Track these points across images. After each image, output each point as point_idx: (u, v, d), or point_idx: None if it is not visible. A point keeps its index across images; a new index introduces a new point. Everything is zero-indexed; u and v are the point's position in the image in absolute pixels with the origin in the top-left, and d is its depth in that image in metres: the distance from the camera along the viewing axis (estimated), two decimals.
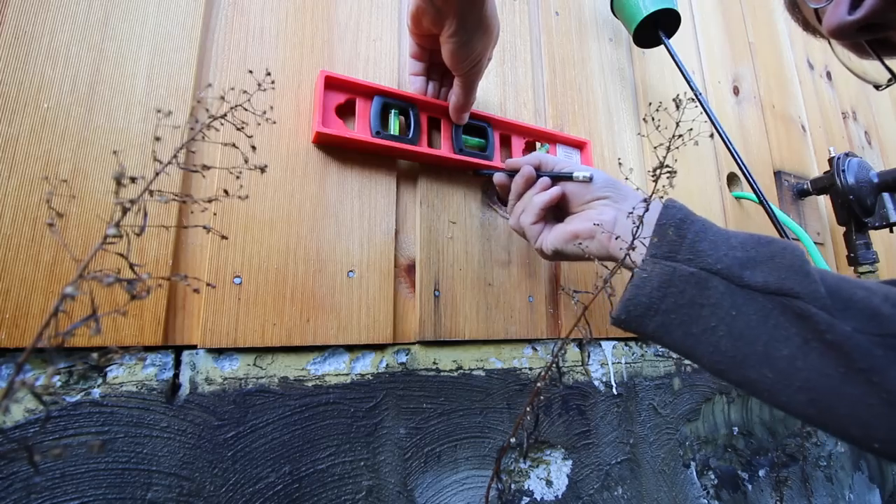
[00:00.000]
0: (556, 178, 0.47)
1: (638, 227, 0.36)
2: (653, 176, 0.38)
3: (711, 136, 0.82)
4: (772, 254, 0.33)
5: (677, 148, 0.37)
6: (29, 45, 0.37)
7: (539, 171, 0.48)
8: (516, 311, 0.55)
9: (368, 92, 0.49)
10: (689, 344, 0.34)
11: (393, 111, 0.50)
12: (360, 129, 0.48)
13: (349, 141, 0.46)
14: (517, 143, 0.58)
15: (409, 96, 0.51)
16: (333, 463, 0.42)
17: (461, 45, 0.43)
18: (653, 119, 0.43)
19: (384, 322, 0.47)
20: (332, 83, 0.47)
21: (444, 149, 0.52)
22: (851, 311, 0.30)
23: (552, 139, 0.61)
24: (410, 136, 0.50)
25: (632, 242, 0.36)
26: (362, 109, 0.49)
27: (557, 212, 0.49)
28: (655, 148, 0.38)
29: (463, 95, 0.49)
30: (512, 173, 0.50)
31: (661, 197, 0.38)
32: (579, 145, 0.63)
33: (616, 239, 0.41)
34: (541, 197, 0.46)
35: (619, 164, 0.69)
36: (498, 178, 0.51)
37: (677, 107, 0.37)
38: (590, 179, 0.45)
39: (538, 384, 0.37)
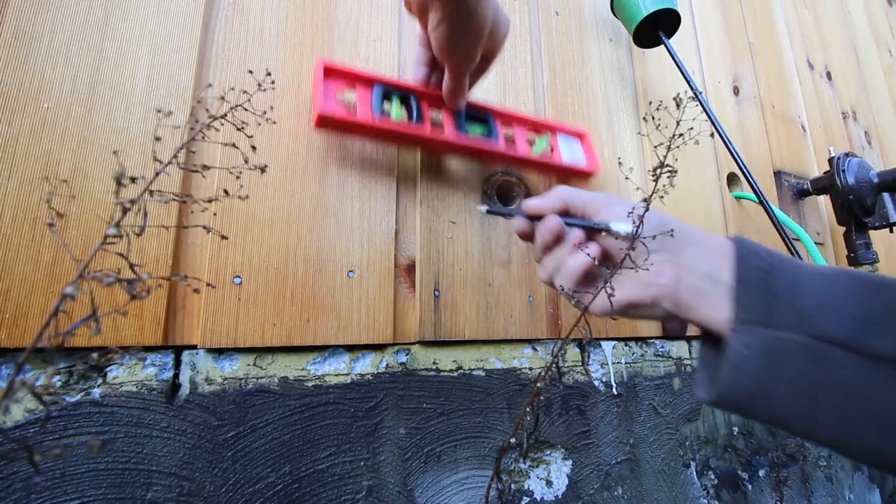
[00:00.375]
0: (590, 230, 0.39)
1: (638, 227, 0.36)
2: (653, 176, 0.38)
3: (712, 135, 0.82)
4: (893, 305, 0.27)
5: (678, 147, 0.37)
6: (29, 45, 0.37)
7: (567, 219, 0.40)
8: (516, 311, 0.55)
9: (368, 80, 0.48)
10: (820, 434, 0.28)
11: (394, 97, 0.49)
12: (361, 114, 0.46)
13: (353, 125, 0.45)
14: (520, 135, 0.57)
15: (409, 86, 0.50)
16: (333, 463, 0.42)
17: (445, 37, 0.41)
18: (653, 118, 0.42)
19: (384, 322, 0.47)
20: (331, 72, 0.46)
21: (447, 133, 0.50)
22: None
23: (552, 129, 0.60)
24: (413, 122, 0.48)
25: (632, 243, 0.36)
26: (363, 96, 0.47)
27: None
28: (656, 147, 0.38)
29: (451, 81, 0.46)
30: (533, 217, 0.42)
31: (661, 197, 0.38)
32: (579, 136, 0.63)
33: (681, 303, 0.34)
34: (578, 262, 0.38)
35: (620, 163, 0.69)
36: (518, 225, 0.42)
37: (678, 105, 0.37)
38: (634, 236, 0.36)
39: (538, 384, 0.37)
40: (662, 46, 0.71)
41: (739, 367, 0.29)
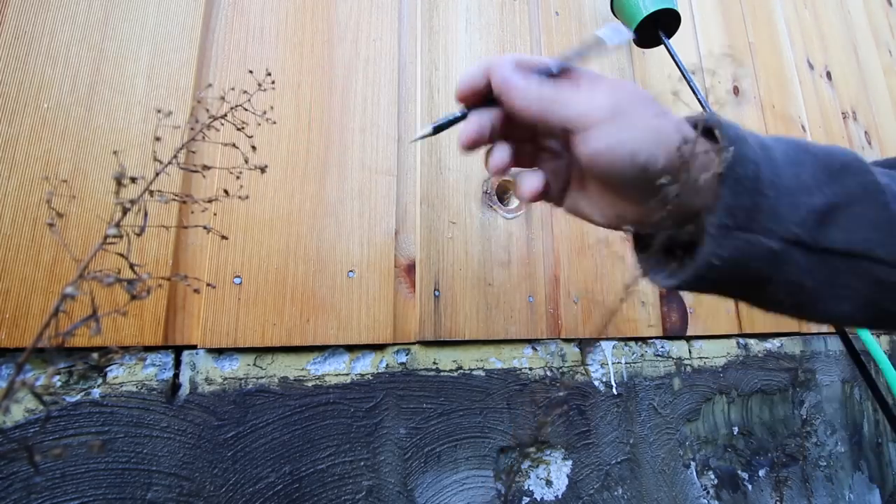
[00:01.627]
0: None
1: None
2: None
3: None
4: (850, 198, 0.27)
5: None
6: (29, 45, 0.37)
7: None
8: (516, 311, 0.55)
9: None
10: (745, 301, 0.30)
11: None
12: None
13: None
14: None
15: None
16: (333, 463, 0.42)
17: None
18: None
19: (384, 322, 0.47)
20: None
21: None
22: None
23: None
24: None
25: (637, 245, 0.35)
26: None
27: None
28: None
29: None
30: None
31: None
32: None
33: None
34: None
35: None
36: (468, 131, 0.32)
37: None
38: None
39: (560, 393, 0.35)
40: (662, 46, 0.71)
41: (704, 276, 0.28)
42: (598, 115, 0.28)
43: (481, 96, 0.31)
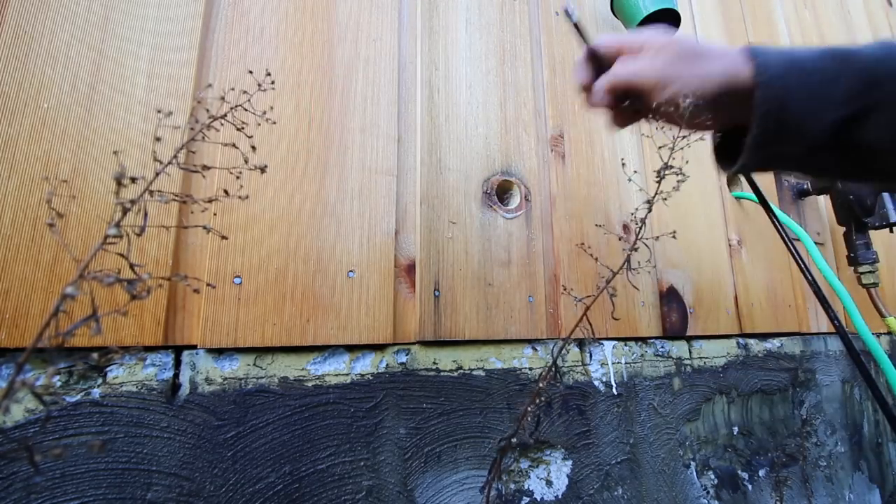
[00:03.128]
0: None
1: (641, 228, 0.36)
2: (657, 178, 0.37)
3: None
4: (879, 105, 0.33)
5: (681, 148, 0.37)
6: (29, 45, 0.37)
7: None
8: (516, 311, 0.55)
9: None
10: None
11: None
12: None
13: None
14: None
15: None
16: (333, 463, 0.42)
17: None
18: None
19: (384, 322, 0.47)
20: None
21: None
22: None
23: None
24: None
25: (634, 243, 0.36)
26: None
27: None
28: (660, 148, 0.38)
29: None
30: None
31: (665, 199, 0.37)
32: None
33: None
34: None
35: (623, 164, 0.69)
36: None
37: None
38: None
39: (540, 384, 0.37)
40: None
41: (745, 169, 0.39)
42: (652, 84, 0.39)
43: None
